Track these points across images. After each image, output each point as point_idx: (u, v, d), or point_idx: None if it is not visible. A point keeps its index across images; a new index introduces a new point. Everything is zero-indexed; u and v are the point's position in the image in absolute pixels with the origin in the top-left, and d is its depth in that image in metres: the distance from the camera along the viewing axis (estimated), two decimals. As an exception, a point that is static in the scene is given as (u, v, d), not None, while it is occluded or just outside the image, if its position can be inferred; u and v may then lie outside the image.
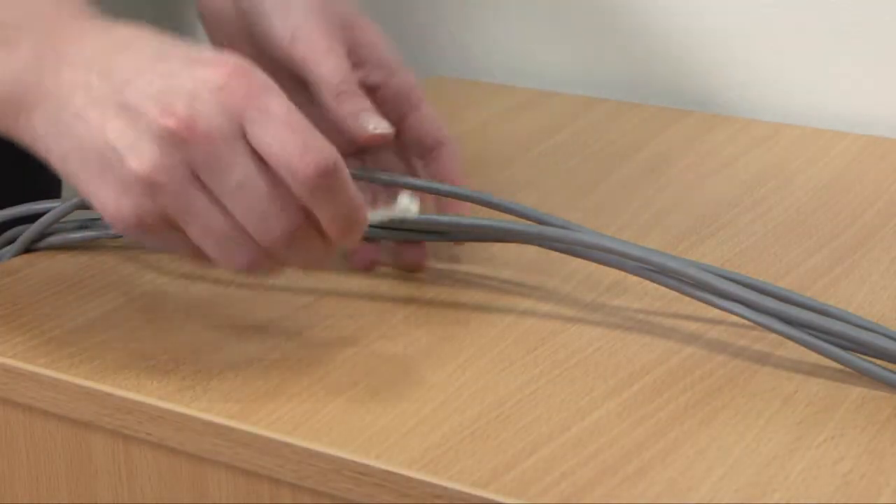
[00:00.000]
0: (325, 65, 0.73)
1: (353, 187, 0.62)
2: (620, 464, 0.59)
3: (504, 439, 0.60)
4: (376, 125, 0.71)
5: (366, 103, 0.72)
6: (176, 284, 0.75)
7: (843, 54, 0.99)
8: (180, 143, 0.60)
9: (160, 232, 0.62)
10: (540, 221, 0.71)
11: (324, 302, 0.73)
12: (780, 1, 1.00)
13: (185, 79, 0.61)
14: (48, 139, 0.63)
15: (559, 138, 0.96)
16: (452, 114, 0.97)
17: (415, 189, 0.71)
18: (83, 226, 0.79)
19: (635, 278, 0.73)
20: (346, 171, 0.62)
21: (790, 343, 0.66)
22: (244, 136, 0.60)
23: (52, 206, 0.78)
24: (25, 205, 0.79)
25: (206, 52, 0.63)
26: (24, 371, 0.67)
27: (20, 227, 0.79)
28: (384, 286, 0.74)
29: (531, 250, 0.78)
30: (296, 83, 0.74)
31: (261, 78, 0.61)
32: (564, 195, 0.86)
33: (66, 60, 0.63)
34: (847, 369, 0.65)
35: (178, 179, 0.61)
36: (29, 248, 0.79)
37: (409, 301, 0.73)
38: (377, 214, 0.70)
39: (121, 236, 0.78)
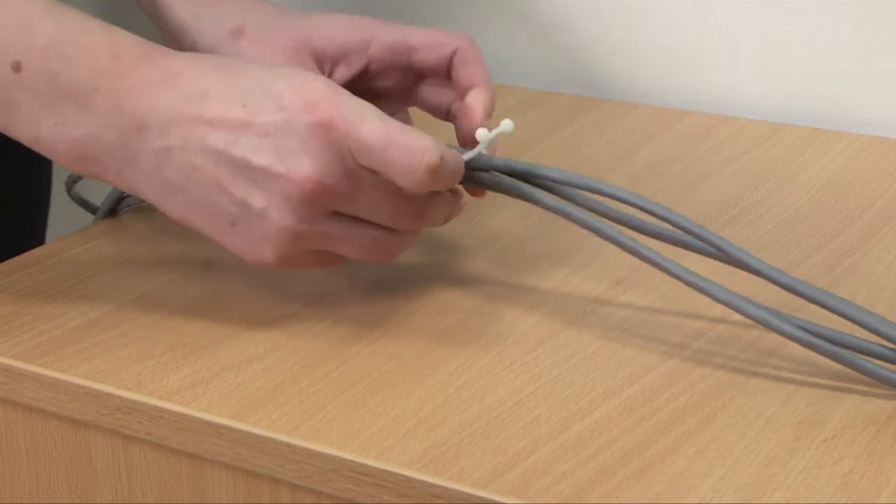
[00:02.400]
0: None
1: (454, 160, 0.67)
2: (620, 464, 0.59)
3: (504, 439, 0.60)
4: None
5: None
6: (176, 284, 0.75)
7: (843, 54, 0.99)
8: (312, 197, 0.65)
9: (308, 260, 0.68)
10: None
11: (324, 302, 0.73)
12: (780, 1, 1.00)
13: (287, 131, 0.64)
14: (155, 196, 0.67)
15: (559, 138, 0.96)
16: (452, 114, 0.97)
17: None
18: None
19: (635, 278, 0.73)
20: (447, 154, 0.66)
21: (790, 343, 0.66)
22: (364, 169, 0.66)
23: None
24: None
25: (274, 79, 0.65)
26: (24, 371, 0.67)
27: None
28: (384, 286, 0.74)
29: (531, 250, 0.78)
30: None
31: (355, 107, 0.65)
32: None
33: (147, 122, 0.65)
34: (846, 371, 0.65)
35: (319, 222, 0.66)
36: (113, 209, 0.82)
37: (409, 301, 0.73)
38: (469, 153, 0.70)
39: None
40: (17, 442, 0.70)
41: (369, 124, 0.64)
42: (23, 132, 0.66)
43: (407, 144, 0.65)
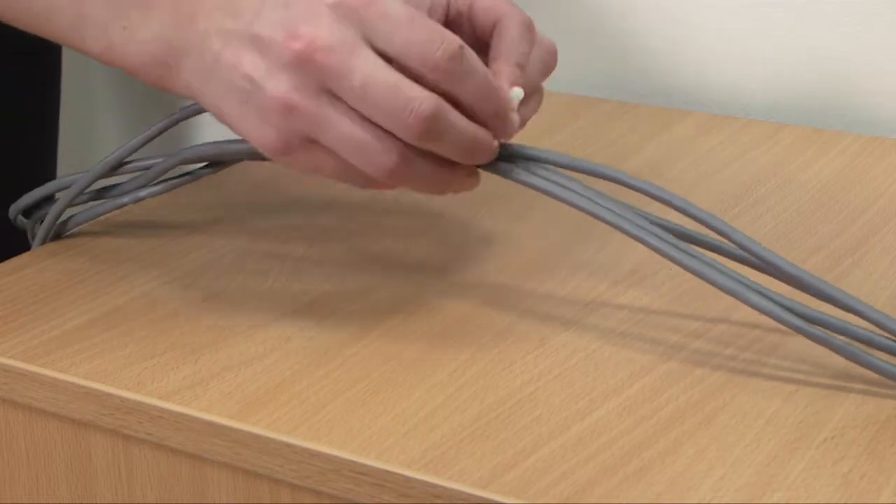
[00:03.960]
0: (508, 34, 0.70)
1: (483, 68, 0.65)
2: (620, 464, 0.59)
3: (504, 439, 0.60)
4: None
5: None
6: (175, 284, 0.75)
7: (843, 54, 0.99)
8: (307, 62, 0.63)
9: (305, 153, 0.66)
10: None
11: (324, 302, 0.73)
12: (780, 0, 1.00)
13: (305, 2, 0.63)
14: (198, 88, 0.67)
15: (559, 138, 0.96)
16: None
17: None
18: (97, 196, 0.79)
19: (634, 278, 0.73)
20: (473, 54, 0.64)
21: (790, 343, 0.66)
22: (368, 44, 0.63)
23: (73, 181, 0.78)
24: (59, 179, 0.80)
25: None
26: (24, 371, 0.67)
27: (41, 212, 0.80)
28: (384, 286, 0.74)
29: (531, 250, 0.78)
30: None
31: None
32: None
33: (199, 9, 0.66)
34: (846, 370, 0.65)
35: (310, 96, 0.64)
36: (59, 221, 0.80)
37: (409, 301, 0.73)
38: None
39: (143, 198, 0.78)
40: (17, 442, 0.70)
41: (396, 1, 0.64)
42: (95, 44, 0.68)
43: (432, 26, 0.64)
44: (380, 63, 0.64)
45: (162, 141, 0.81)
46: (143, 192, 0.78)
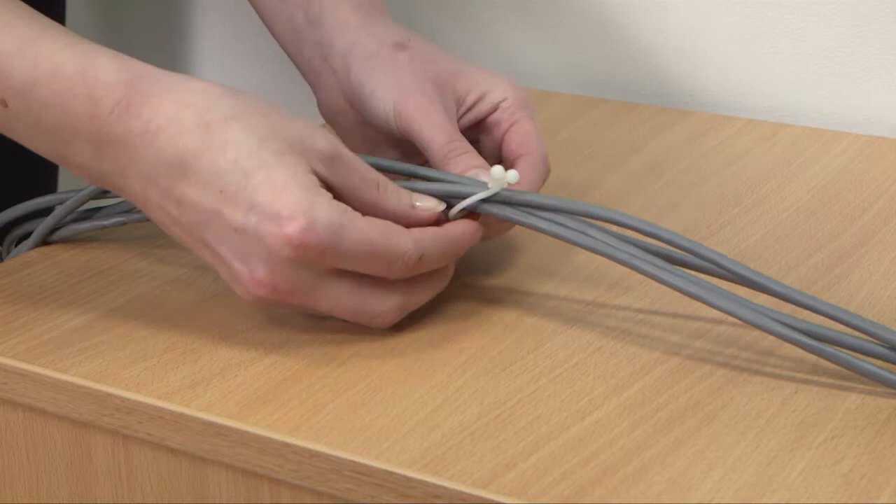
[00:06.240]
0: (428, 129, 0.73)
1: (437, 248, 0.68)
2: (620, 464, 0.59)
3: (504, 439, 0.60)
4: (428, 203, 0.70)
5: (476, 160, 0.73)
6: (176, 284, 0.75)
7: (843, 54, 0.99)
8: (268, 300, 0.66)
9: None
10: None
11: (324, 302, 0.73)
12: (780, 0, 1.00)
13: (260, 240, 0.64)
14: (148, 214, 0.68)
15: (559, 138, 0.96)
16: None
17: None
18: (86, 216, 0.79)
19: (634, 278, 0.73)
20: (432, 249, 0.67)
21: (789, 344, 0.66)
22: (327, 273, 0.66)
23: (65, 198, 0.78)
24: (33, 200, 0.80)
25: (254, 168, 0.64)
26: (24, 371, 0.67)
27: (32, 223, 0.80)
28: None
29: (531, 250, 0.78)
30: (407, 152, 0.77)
31: (326, 224, 0.64)
32: (564, 195, 0.86)
33: (127, 172, 0.66)
34: (846, 370, 0.65)
35: (284, 301, 0.66)
36: (44, 241, 0.79)
37: (409, 301, 0.73)
38: (460, 205, 0.70)
39: (126, 223, 0.79)
40: (17, 442, 0.70)
41: (345, 243, 0.64)
42: (38, 152, 0.69)
43: (385, 252, 0.66)
44: (342, 291, 0.67)
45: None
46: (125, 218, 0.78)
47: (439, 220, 0.70)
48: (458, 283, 0.75)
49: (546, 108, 1.02)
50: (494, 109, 0.76)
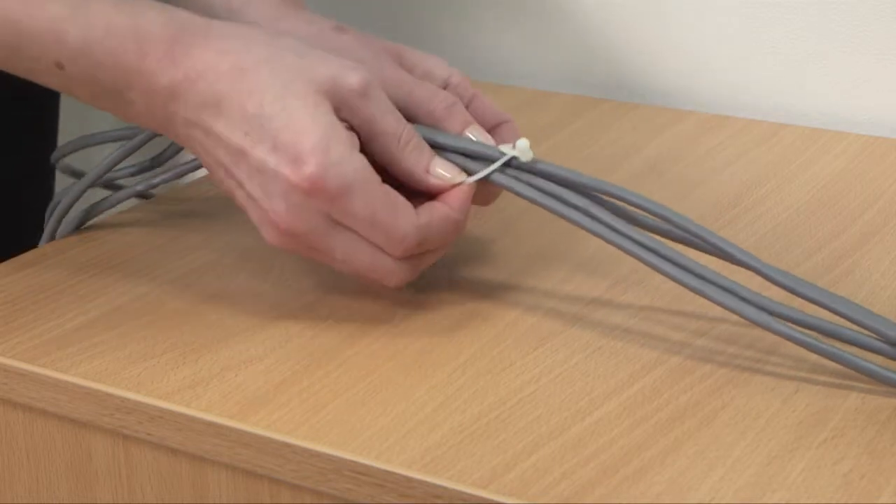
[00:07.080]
0: (418, 90, 0.74)
1: (440, 224, 0.69)
2: (620, 464, 0.59)
3: (504, 439, 0.60)
4: (444, 172, 0.71)
5: (468, 115, 0.74)
6: (176, 284, 0.75)
7: (843, 54, 0.99)
8: (288, 235, 0.68)
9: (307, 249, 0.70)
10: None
11: (324, 302, 0.73)
12: (779, 1, 1.00)
13: (278, 179, 0.67)
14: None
15: (559, 138, 0.96)
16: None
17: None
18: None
19: (635, 278, 0.73)
20: (432, 229, 0.69)
21: (790, 343, 0.66)
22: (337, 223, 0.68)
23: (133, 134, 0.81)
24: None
25: (279, 110, 0.67)
26: (24, 371, 0.67)
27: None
28: (385, 286, 0.74)
29: (530, 250, 0.78)
30: None
31: (341, 178, 0.66)
32: (564, 195, 0.86)
33: (175, 114, 0.69)
34: (846, 370, 0.65)
35: (298, 245, 0.69)
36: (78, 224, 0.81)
37: (409, 301, 0.73)
38: (480, 174, 0.71)
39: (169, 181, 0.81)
40: (17, 442, 0.70)
41: (354, 201, 0.66)
42: (97, 107, 0.72)
43: (388, 229, 0.67)
44: (357, 242, 0.68)
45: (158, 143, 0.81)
46: (156, 180, 0.80)
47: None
48: (458, 283, 0.75)
49: (546, 108, 1.02)
50: (445, 86, 0.77)
